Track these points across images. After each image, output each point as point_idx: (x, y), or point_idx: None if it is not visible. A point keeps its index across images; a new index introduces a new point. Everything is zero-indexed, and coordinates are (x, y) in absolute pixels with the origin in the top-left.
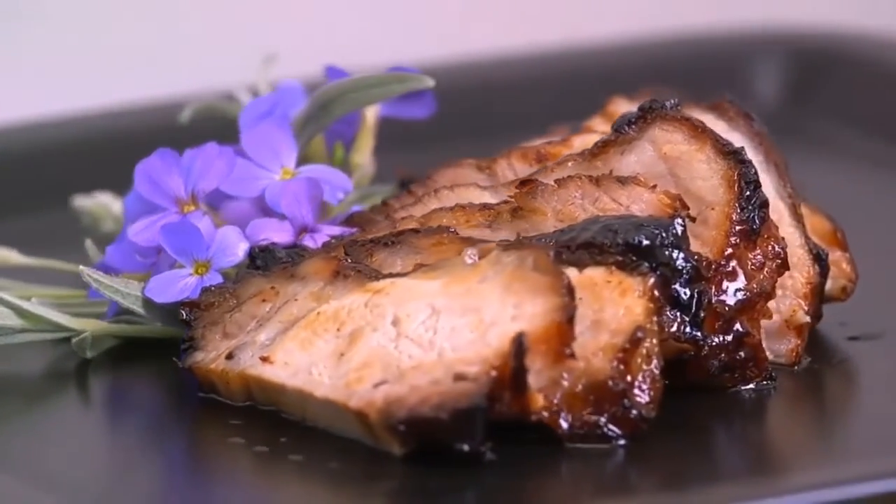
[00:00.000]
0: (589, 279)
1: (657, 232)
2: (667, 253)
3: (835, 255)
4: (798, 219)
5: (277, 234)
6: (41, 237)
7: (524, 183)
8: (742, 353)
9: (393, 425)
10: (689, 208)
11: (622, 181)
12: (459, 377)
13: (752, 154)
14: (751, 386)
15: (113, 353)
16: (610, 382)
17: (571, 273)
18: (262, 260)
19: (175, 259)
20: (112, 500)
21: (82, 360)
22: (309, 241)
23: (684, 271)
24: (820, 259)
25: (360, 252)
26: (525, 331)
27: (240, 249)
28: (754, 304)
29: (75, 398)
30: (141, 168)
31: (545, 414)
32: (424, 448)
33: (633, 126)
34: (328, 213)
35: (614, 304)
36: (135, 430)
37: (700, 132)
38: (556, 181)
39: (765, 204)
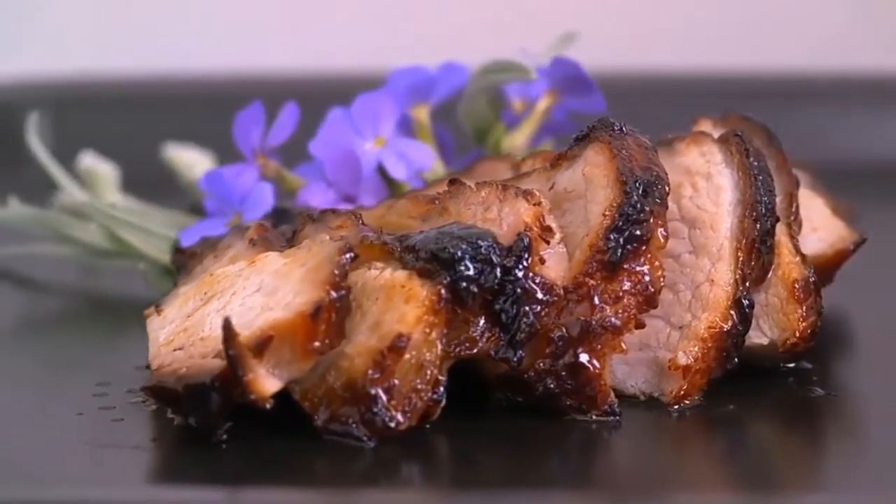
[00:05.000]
0: (391, 281)
1: (463, 246)
2: (468, 265)
3: (788, 307)
4: (737, 262)
5: (317, 198)
6: None
7: (451, 182)
8: (576, 382)
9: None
10: (551, 231)
11: (517, 193)
12: (219, 355)
13: (730, 190)
14: (593, 417)
15: None
16: (359, 383)
17: (386, 273)
18: (276, 219)
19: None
20: None
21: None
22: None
23: (508, 290)
24: (740, 307)
25: (297, 223)
26: (277, 319)
27: (267, 205)
28: (598, 335)
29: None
30: (238, 118)
31: (305, 404)
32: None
33: (579, 143)
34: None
35: (395, 310)
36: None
37: (612, 158)
38: (475, 185)
39: (634, 239)
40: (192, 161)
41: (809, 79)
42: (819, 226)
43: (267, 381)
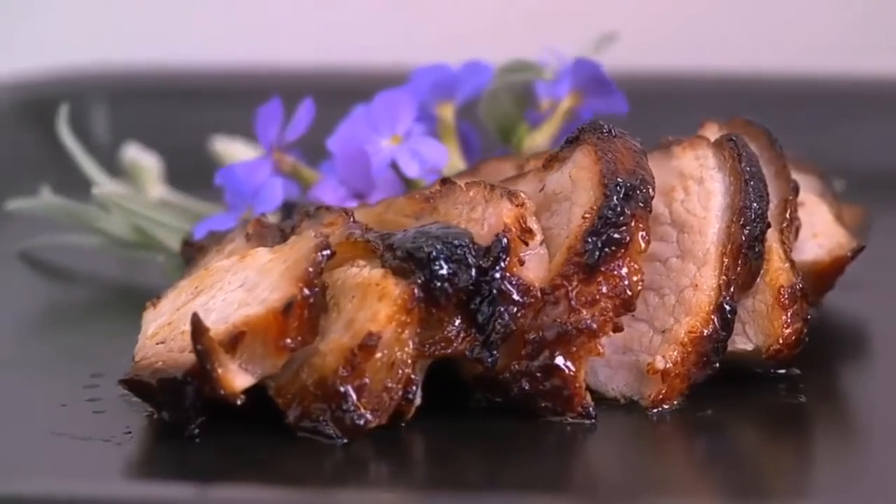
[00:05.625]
0: (367, 280)
1: (438, 246)
2: (442, 265)
3: (773, 313)
4: (721, 267)
5: (328, 194)
6: None
7: (443, 182)
8: (551, 384)
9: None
10: (531, 233)
11: (502, 194)
12: (193, 350)
13: (720, 195)
14: (569, 419)
15: None
16: (330, 381)
17: (364, 271)
18: (286, 214)
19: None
20: None
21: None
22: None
23: (483, 290)
24: (722, 312)
25: (297, 219)
26: (250, 315)
27: (277, 200)
28: (572, 337)
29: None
30: (259, 112)
31: (279, 401)
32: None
33: (570, 145)
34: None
35: (369, 308)
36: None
37: (596, 161)
38: (465, 184)
39: (612, 242)
40: (237, 154)
41: (835, 81)
42: (819, 232)
43: (238, 377)
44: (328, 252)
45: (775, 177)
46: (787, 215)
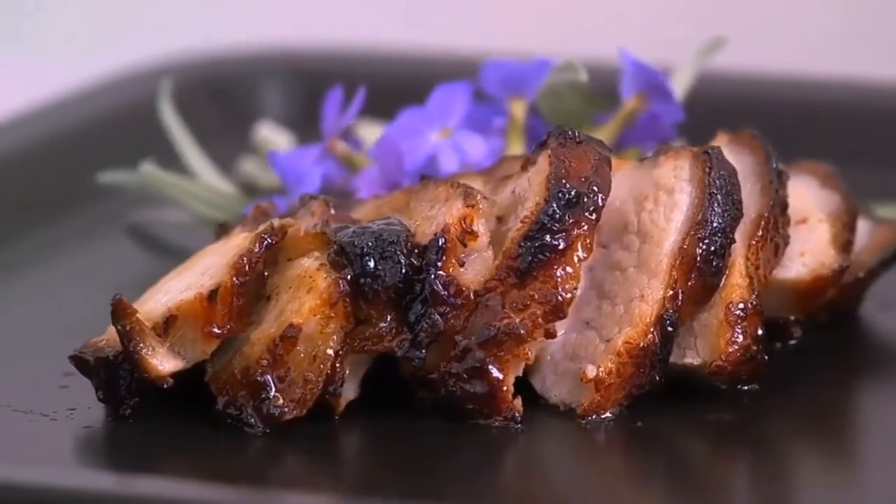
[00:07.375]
0: (303, 271)
1: (371, 242)
2: (370, 261)
3: (720, 329)
4: (668, 280)
5: (364, 183)
6: None
7: (421, 178)
8: (477, 387)
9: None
10: (473, 234)
11: (460, 193)
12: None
13: (685, 207)
14: (495, 423)
15: None
16: (252, 370)
17: (305, 261)
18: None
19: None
20: None
21: None
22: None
23: (416, 289)
24: (661, 325)
25: (296, 206)
26: (183, 300)
27: (314, 187)
28: (501, 342)
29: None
30: (326, 100)
31: (213, 387)
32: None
33: (538, 149)
34: None
35: (298, 300)
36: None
37: (547, 165)
38: (435, 181)
39: (546, 248)
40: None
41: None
42: (808, 250)
43: (165, 360)
44: (267, 242)
45: (760, 193)
46: (760, 232)
